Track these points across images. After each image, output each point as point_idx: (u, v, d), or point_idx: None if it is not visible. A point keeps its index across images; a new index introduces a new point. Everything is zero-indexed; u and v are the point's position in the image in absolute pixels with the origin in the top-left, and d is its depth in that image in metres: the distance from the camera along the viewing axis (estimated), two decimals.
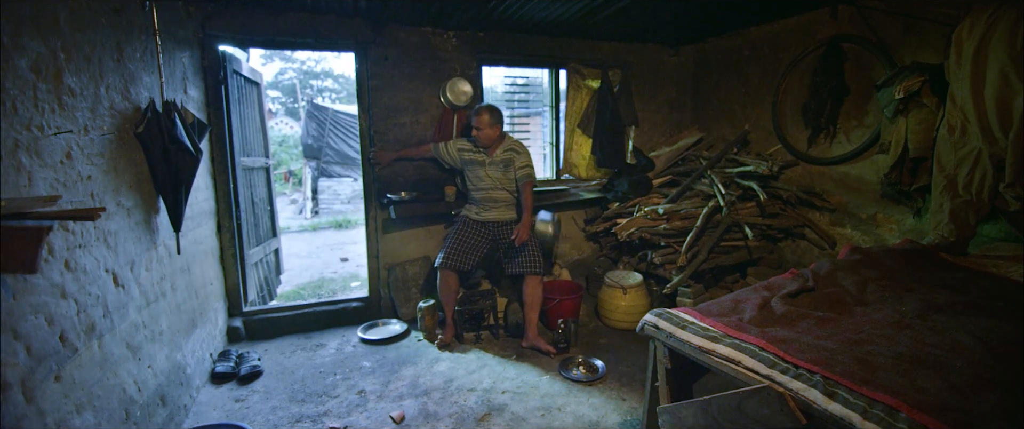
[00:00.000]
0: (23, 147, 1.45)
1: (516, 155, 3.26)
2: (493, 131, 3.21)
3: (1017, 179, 2.20)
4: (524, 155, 3.28)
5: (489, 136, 3.20)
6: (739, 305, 1.88)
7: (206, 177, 3.01)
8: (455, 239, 3.23)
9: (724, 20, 3.63)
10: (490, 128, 3.19)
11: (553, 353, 3.00)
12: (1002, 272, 2.15)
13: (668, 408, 1.72)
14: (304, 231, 8.55)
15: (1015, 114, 2.15)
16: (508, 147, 3.28)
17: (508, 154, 3.27)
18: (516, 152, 3.27)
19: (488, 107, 3.23)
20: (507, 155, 3.27)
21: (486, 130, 3.19)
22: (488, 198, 3.29)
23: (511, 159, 3.26)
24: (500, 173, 3.25)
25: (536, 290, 3.14)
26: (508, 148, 3.28)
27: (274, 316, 3.43)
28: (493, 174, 3.26)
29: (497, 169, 3.26)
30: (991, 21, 2.21)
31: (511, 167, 3.25)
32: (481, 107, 3.25)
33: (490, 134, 3.20)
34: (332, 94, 23.39)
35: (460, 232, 3.26)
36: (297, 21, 3.19)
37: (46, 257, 1.52)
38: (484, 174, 3.27)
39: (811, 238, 3.45)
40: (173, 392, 2.29)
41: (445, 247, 3.20)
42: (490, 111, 3.21)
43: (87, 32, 1.81)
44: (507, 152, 3.27)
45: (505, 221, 3.30)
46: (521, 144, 3.35)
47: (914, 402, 1.17)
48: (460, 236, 3.24)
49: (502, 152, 3.27)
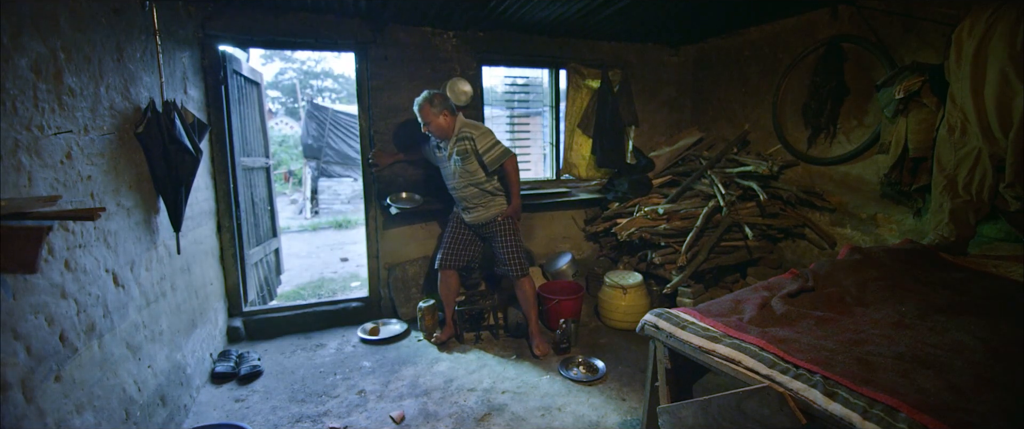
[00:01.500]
0: (23, 147, 1.45)
1: (471, 141, 2.79)
2: (443, 119, 2.79)
3: (1017, 179, 2.20)
4: (483, 135, 2.81)
5: (440, 127, 2.80)
6: (739, 305, 1.88)
7: (206, 177, 3.01)
8: (448, 238, 3.12)
9: (724, 20, 3.63)
10: (437, 117, 2.78)
11: (540, 356, 2.95)
12: (1002, 272, 2.15)
13: (668, 408, 1.72)
14: (304, 231, 8.55)
15: (1015, 114, 2.15)
16: (459, 133, 2.83)
17: (462, 143, 2.81)
18: (470, 137, 2.79)
19: (426, 96, 2.79)
20: (461, 144, 2.81)
21: (434, 120, 2.78)
22: (460, 198, 2.98)
23: (466, 148, 2.80)
24: (459, 167, 2.84)
25: (525, 289, 3.02)
26: (460, 135, 2.82)
27: (274, 316, 3.43)
28: (454, 169, 2.86)
29: (455, 164, 2.84)
30: (991, 21, 2.21)
31: (470, 157, 2.80)
32: (419, 99, 2.82)
33: (441, 124, 2.79)
34: (332, 94, 23.39)
35: (452, 230, 3.13)
36: (297, 21, 3.19)
37: (46, 257, 1.52)
38: (447, 172, 2.94)
39: (811, 238, 3.45)
40: (173, 392, 2.29)
41: (440, 247, 3.13)
42: (429, 100, 2.77)
43: (87, 32, 1.81)
44: (460, 140, 2.82)
45: (484, 221, 2.99)
46: (475, 124, 2.89)
47: (914, 402, 1.17)
48: (453, 234, 3.11)
49: (454, 142, 2.83)
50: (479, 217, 2.99)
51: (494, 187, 2.95)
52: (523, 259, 3.03)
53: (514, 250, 2.99)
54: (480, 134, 2.81)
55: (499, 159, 2.80)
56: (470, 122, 2.90)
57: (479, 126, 2.88)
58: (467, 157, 2.81)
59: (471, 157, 2.81)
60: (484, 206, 2.96)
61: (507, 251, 2.99)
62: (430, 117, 2.80)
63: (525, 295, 3.04)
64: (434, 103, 2.79)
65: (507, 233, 3.00)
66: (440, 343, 3.17)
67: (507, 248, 2.99)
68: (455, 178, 2.90)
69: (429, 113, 2.79)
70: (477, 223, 3.01)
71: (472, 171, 2.85)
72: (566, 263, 3.82)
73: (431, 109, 2.78)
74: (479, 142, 2.79)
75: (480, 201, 2.94)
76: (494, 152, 2.80)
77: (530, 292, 3.04)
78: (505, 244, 3.00)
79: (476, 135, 2.80)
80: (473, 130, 2.82)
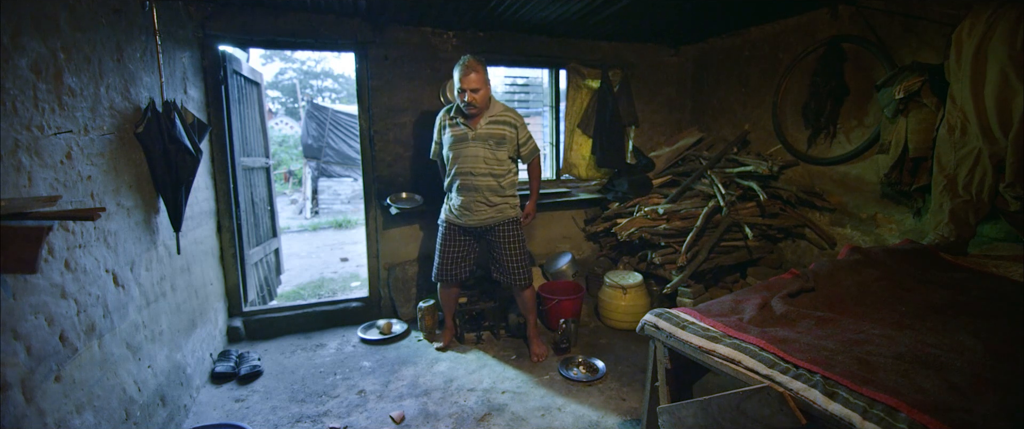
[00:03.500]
0: (23, 147, 1.45)
1: (511, 129, 2.59)
2: (487, 91, 2.53)
3: (1017, 179, 2.20)
4: (524, 125, 2.65)
5: (483, 99, 2.51)
6: (739, 305, 1.88)
7: (206, 177, 3.01)
8: (441, 251, 2.86)
9: (724, 20, 3.63)
10: (485, 87, 2.51)
11: (537, 360, 2.90)
12: (1002, 272, 2.15)
13: (668, 408, 1.72)
14: (304, 231, 8.54)
15: (1015, 114, 2.15)
16: (499, 117, 2.57)
17: (499, 128, 2.54)
18: (513, 124, 2.60)
19: (475, 58, 2.48)
20: (498, 129, 2.54)
21: (482, 90, 2.49)
22: (470, 188, 2.63)
23: (503, 135, 2.55)
24: (488, 151, 2.56)
25: (526, 298, 2.91)
26: (499, 118, 2.55)
27: (274, 316, 3.43)
28: (477, 152, 2.56)
29: (483, 146, 2.55)
30: (991, 21, 2.21)
31: (504, 145, 2.57)
32: (467, 60, 2.47)
33: (485, 95, 2.51)
34: (332, 94, 23.40)
35: (447, 239, 2.83)
36: (297, 21, 3.19)
37: (46, 257, 1.52)
38: (466, 152, 2.60)
39: (811, 238, 3.45)
40: (173, 392, 2.29)
41: (436, 260, 2.91)
42: (480, 64, 2.47)
43: (87, 32, 1.81)
44: (497, 124, 2.54)
45: (492, 225, 2.71)
46: (514, 111, 2.67)
47: (914, 402, 1.17)
48: (448, 243, 2.84)
49: (489, 123, 2.55)
50: (486, 219, 2.72)
51: (509, 183, 2.73)
52: (528, 269, 2.86)
53: (520, 259, 2.80)
54: (522, 124, 2.62)
55: (533, 154, 2.71)
56: (509, 107, 2.67)
57: (519, 114, 2.68)
58: (502, 144, 2.56)
59: (506, 145, 2.57)
60: (492, 205, 2.70)
61: (512, 260, 2.78)
62: (479, 83, 2.47)
63: (525, 302, 2.94)
64: (485, 69, 2.50)
65: (514, 240, 2.79)
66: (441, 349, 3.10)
67: (513, 257, 2.78)
68: (475, 162, 2.58)
69: (480, 78, 2.46)
70: (482, 226, 2.74)
71: (501, 160, 2.59)
72: (566, 263, 3.82)
73: (484, 75, 2.48)
74: (521, 132, 2.60)
75: (492, 197, 2.68)
76: (531, 145, 2.69)
77: (531, 299, 2.94)
78: (511, 252, 2.78)
79: (519, 124, 2.59)
80: (515, 117, 2.61)
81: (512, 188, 2.78)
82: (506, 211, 2.75)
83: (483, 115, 2.58)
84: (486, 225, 2.75)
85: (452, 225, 2.83)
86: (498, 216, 2.74)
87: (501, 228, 2.77)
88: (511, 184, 2.77)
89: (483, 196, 2.66)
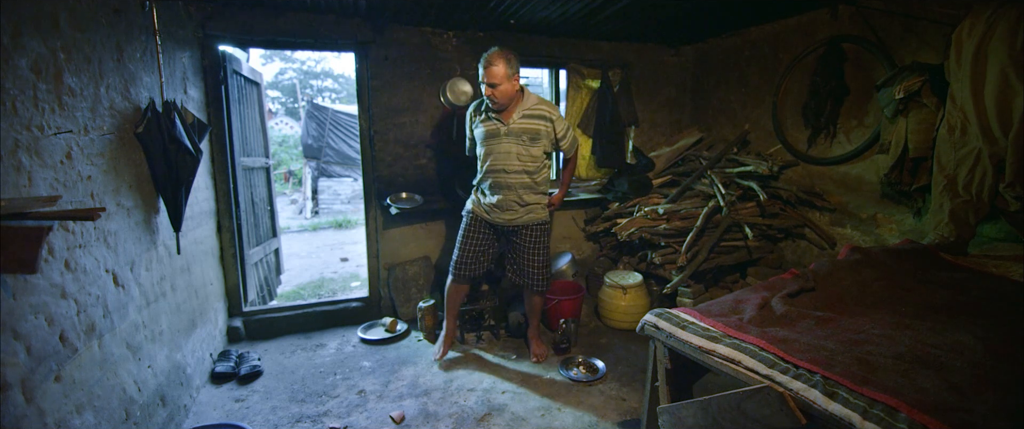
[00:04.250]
0: (23, 147, 1.45)
1: (549, 123, 2.45)
2: (511, 85, 2.38)
3: (1017, 179, 2.20)
4: (561, 119, 2.52)
5: (506, 93, 2.38)
6: (739, 305, 1.88)
7: (206, 177, 3.01)
8: (463, 242, 2.73)
9: (724, 20, 3.63)
10: (508, 82, 2.36)
11: (536, 361, 2.88)
12: (1002, 272, 2.15)
13: (668, 408, 1.72)
14: (304, 231, 8.55)
15: (1015, 114, 2.15)
16: (533, 110, 2.44)
17: (533, 123, 2.41)
18: (549, 117, 2.46)
19: (500, 50, 2.36)
20: (532, 123, 2.42)
21: (503, 85, 2.36)
22: (503, 184, 2.52)
23: (538, 130, 2.42)
24: (521, 147, 2.44)
25: (535, 302, 2.88)
26: (533, 111, 2.43)
27: (274, 316, 3.43)
28: (510, 148, 2.45)
29: (516, 141, 2.44)
30: (991, 21, 2.21)
31: (541, 140, 2.45)
32: (489, 52, 2.37)
33: (508, 90, 2.37)
34: (332, 94, 23.41)
35: (471, 232, 2.70)
36: (297, 21, 3.19)
37: (46, 257, 1.52)
38: (499, 148, 2.47)
39: (811, 238, 3.45)
40: (173, 392, 2.29)
41: (455, 252, 2.79)
42: (504, 56, 2.34)
43: (87, 32, 1.81)
44: (531, 118, 2.42)
45: (522, 225, 2.61)
46: (550, 103, 2.53)
47: (914, 402, 1.17)
48: (469, 238, 2.71)
49: (522, 117, 2.43)
50: (515, 218, 2.59)
51: (544, 180, 2.61)
52: (548, 275, 2.79)
53: (543, 263, 2.71)
54: (559, 117, 2.50)
55: (572, 148, 2.59)
56: (544, 100, 2.53)
57: (555, 107, 2.58)
58: (537, 139, 2.44)
59: (541, 140, 2.45)
60: (525, 205, 2.58)
61: (537, 263, 2.71)
62: (501, 78, 2.34)
63: (533, 306, 2.91)
64: (511, 62, 2.35)
65: (540, 243, 2.70)
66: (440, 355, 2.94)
67: (537, 259, 2.70)
68: (508, 159, 2.46)
69: (502, 73, 2.33)
70: (510, 225, 2.62)
71: (536, 156, 2.47)
72: (566, 263, 3.82)
73: (507, 68, 2.34)
74: (558, 125, 2.47)
75: (526, 196, 2.56)
76: (570, 137, 2.56)
77: (540, 305, 2.92)
78: (535, 255, 2.69)
79: (555, 116, 2.46)
80: (551, 110, 2.48)
81: (546, 185, 2.68)
82: (537, 212, 2.65)
83: (516, 109, 2.45)
84: (515, 225, 2.65)
85: (479, 219, 2.71)
86: (529, 217, 2.63)
87: (529, 230, 2.67)
88: (545, 180, 2.65)
89: (517, 194, 2.56)
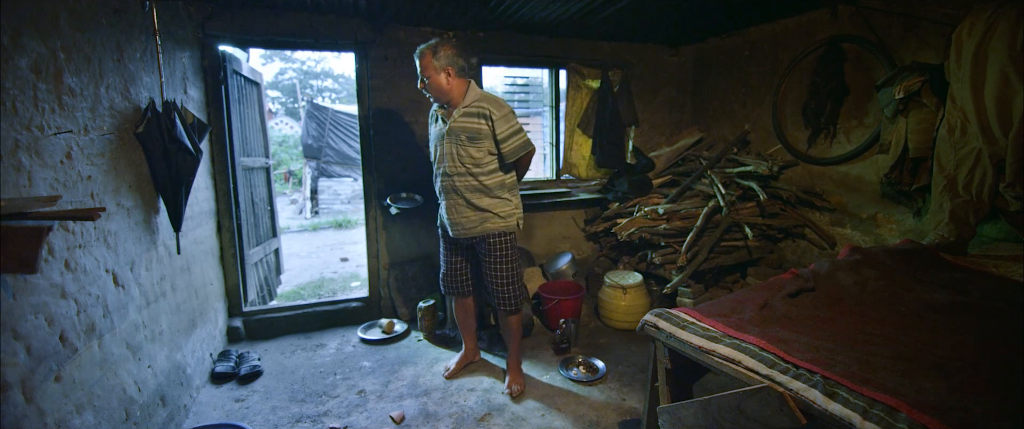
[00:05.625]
0: (23, 147, 1.45)
1: (488, 120, 2.17)
2: (445, 78, 2.16)
3: (1017, 179, 2.20)
4: (505, 117, 2.20)
5: (439, 88, 2.17)
6: (739, 305, 1.88)
7: (206, 177, 3.02)
8: (443, 257, 2.60)
9: (724, 20, 3.63)
10: (438, 74, 2.15)
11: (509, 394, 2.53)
12: (1002, 272, 2.15)
13: (668, 408, 1.72)
14: (304, 231, 8.55)
15: (1015, 114, 2.15)
16: (472, 108, 2.20)
17: (474, 121, 2.17)
18: (487, 115, 2.18)
19: (431, 43, 2.19)
20: (472, 122, 2.18)
21: (434, 77, 2.15)
22: (446, 190, 2.30)
23: (478, 128, 2.17)
24: (459, 148, 2.21)
25: (511, 324, 2.54)
26: (472, 109, 2.19)
27: (274, 316, 3.43)
28: (451, 149, 2.23)
29: (456, 142, 2.22)
30: (991, 21, 2.21)
31: (480, 140, 2.19)
32: (422, 46, 2.21)
33: (440, 84, 2.16)
34: (332, 94, 23.42)
35: (444, 250, 2.58)
36: (297, 21, 3.19)
37: (46, 257, 1.52)
38: (443, 151, 2.27)
39: (811, 238, 3.45)
40: (173, 392, 2.29)
41: (441, 266, 2.65)
42: (432, 48, 2.16)
43: (87, 32, 1.81)
44: (469, 117, 2.18)
45: (478, 235, 2.33)
46: (495, 98, 2.25)
47: (914, 402, 1.17)
48: (446, 253, 2.58)
49: (462, 114, 2.20)
50: (466, 230, 2.33)
51: (495, 184, 2.29)
52: (518, 292, 2.45)
53: (508, 279, 2.39)
54: (502, 114, 2.19)
55: (519, 151, 2.23)
56: (489, 95, 2.27)
57: (500, 102, 2.25)
58: (476, 139, 2.19)
59: (482, 140, 2.20)
60: (477, 210, 2.30)
61: (499, 279, 2.39)
62: (430, 71, 2.15)
63: (509, 329, 2.56)
64: (438, 54, 2.15)
65: (501, 257, 2.38)
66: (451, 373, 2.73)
67: (500, 276, 2.39)
68: (448, 162, 2.25)
69: (429, 65, 2.15)
70: (463, 237, 2.38)
71: (476, 158, 2.22)
72: (566, 263, 3.82)
73: (432, 60, 2.15)
74: (499, 124, 2.18)
75: (475, 200, 2.29)
76: (516, 141, 2.21)
77: (516, 327, 2.56)
78: (497, 270, 2.38)
79: (496, 114, 2.18)
80: (492, 106, 2.20)
81: (503, 189, 2.34)
82: (494, 220, 2.32)
83: (457, 107, 2.24)
84: (469, 235, 2.36)
85: (445, 232, 2.52)
86: (485, 226, 2.32)
87: (487, 242, 2.35)
88: (500, 184, 2.32)
89: (463, 198, 2.29)
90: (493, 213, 2.33)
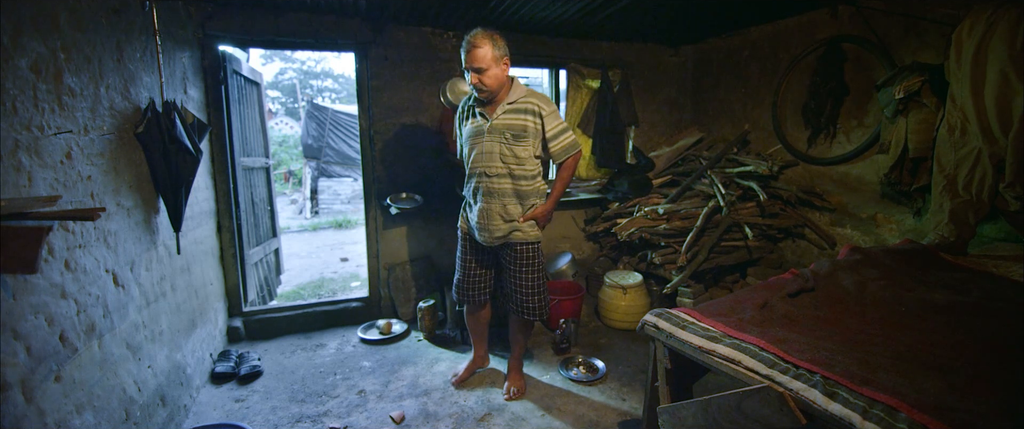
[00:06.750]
0: (23, 147, 1.45)
1: (538, 117, 2.07)
2: (501, 70, 2.03)
3: (1017, 179, 2.20)
4: (554, 114, 2.10)
5: (497, 78, 2.02)
6: (739, 305, 1.88)
7: (206, 177, 3.01)
8: (461, 264, 2.45)
9: (724, 20, 3.63)
10: (496, 65, 2.01)
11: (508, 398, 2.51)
12: (1002, 272, 2.15)
13: (668, 408, 1.72)
14: (304, 231, 8.55)
15: (1015, 114, 2.15)
16: (520, 103, 2.08)
17: (523, 117, 2.05)
18: (537, 112, 2.07)
19: (484, 31, 2.01)
20: (516, 118, 2.06)
21: (491, 69, 2.00)
22: (484, 190, 2.17)
23: (524, 126, 2.05)
24: (503, 146, 2.08)
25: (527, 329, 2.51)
26: (519, 105, 2.07)
27: (274, 316, 3.43)
28: (492, 148, 2.10)
29: (499, 140, 2.09)
30: (991, 21, 2.21)
31: (527, 138, 2.07)
32: (471, 34, 2.02)
33: (498, 76, 2.02)
34: (332, 94, 23.43)
35: (463, 253, 2.43)
36: (297, 21, 3.19)
37: (46, 257, 1.52)
38: (481, 148, 2.13)
39: (811, 238, 3.45)
40: (173, 392, 2.29)
41: (456, 273, 2.51)
42: (489, 36, 1.98)
43: (87, 32, 1.81)
44: (516, 112, 2.06)
45: (512, 243, 2.23)
46: (542, 95, 2.15)
47: (914, 402, 1.17)
48: (465, 260, 2.43)
49: (506, 111, 2.08)
50: (499, 236, 2.22)
51: (533, 189, 2.19)
52: (546, 301, 2.37)
53: (536, 288, 2.29)
54: (551, 111, 2.08)
55: (568, 151, 2.13)
56: (535, 91, 2.15)
57: (547, 99, 2.13)
58: (522, 137, 2.06)
59: (528, 139, 2.07)
60: (508, 218, 2.19)
61: (528, 288, 2.29)
62: (488, 62, 1.97)
63: (517, 332, 2.53)
64: (498, 42, 1.99)
65: (529, 265, 2.28)
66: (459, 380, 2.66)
67: (528, 284, 2.29)
68: (491, 160, 2.11)
69: (488, 55, 1.96)
70: (491, 242, 2.27)
71: (521, 158, 2.09)
72: (566, 263, 3.82)
73: (493, 49, 1.97)
74: (549, 121, 2.07)
75: (508, 206, 2.18)
76: (565, 140, 2.10)
77: (527, 332, 2.56)
78: (525, 278, 2.28)
79: (546, 110, 2.07)
80: (542, 102, 2.08)
81: (537, 196, 2.26)
82: (525, 230, 2.25)
83: (501, 101, 2.11)
84: (499, 241, 2.27)
85: (468, 236, 2.40)
86: (515, 235, 2.24)
87: (515, 250, 2.28)
88: (535, 191, 2.23)
89: (500, 203, 2.18)
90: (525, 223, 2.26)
